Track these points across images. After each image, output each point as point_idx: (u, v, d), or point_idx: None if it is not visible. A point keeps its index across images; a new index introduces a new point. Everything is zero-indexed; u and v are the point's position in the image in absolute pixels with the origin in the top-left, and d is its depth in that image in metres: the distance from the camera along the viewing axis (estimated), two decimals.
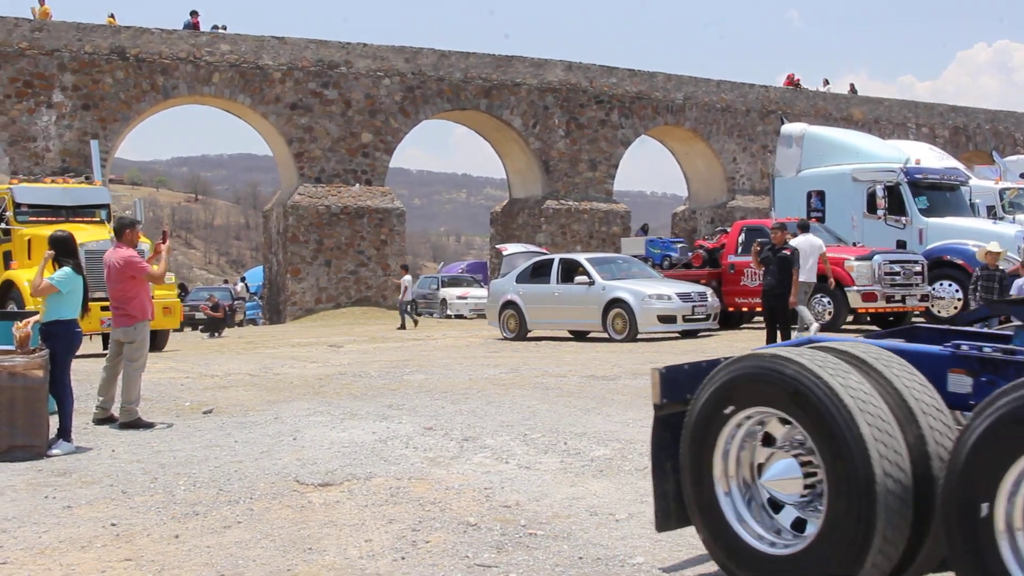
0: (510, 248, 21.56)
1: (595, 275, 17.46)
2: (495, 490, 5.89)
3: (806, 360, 3.59)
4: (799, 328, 14.16)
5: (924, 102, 41.97)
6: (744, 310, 18.82)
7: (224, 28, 30.94)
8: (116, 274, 8.78)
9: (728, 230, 20.61)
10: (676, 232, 37.11)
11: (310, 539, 4.95)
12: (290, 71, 29.82)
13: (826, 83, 40.76)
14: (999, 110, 43.82)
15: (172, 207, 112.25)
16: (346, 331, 23.54)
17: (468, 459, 6.81)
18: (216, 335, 23.78)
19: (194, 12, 30.64)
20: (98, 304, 13.17)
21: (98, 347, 16.33)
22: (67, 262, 7.94)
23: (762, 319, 15.66)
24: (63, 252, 8.02)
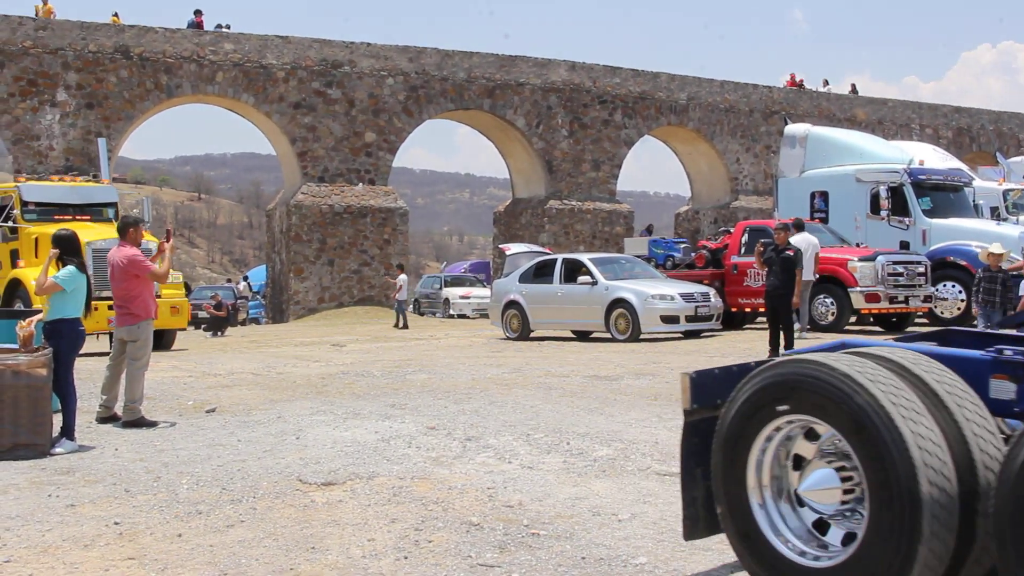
0: (513, 248, 21.55)
1: (598, 275, 17.45)
2: (498, 490, 5.89)
3: (846, 366, 3.49)
4: (801, 328, 14.16)
5: (928, 103, 41.92)
6: (747, 310, 18.81)
7: (228, 27, 30.97)
8: (120, 273, 8.79)
9: (731, 230, 20.59)
10: (679, 232, 37.09)
11: (313, 538, 4.95)
12: (294, 70, 29.84)
13: (826, 83, 40.74)
14: (1003, 111, 43.76)
15: (175, 206, 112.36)
16: (349, 330, 23.56)
17: (471, 459, 6.81)
18: (219, 334, 23.79)
19: (198, 11, 30.68)
20: (105, 303, 13.16)
21: (105, 346, 16.33)
22: (71, 261, 7.96)
23: (765, 319, 15.66)
24: (67, 251, 8.03)
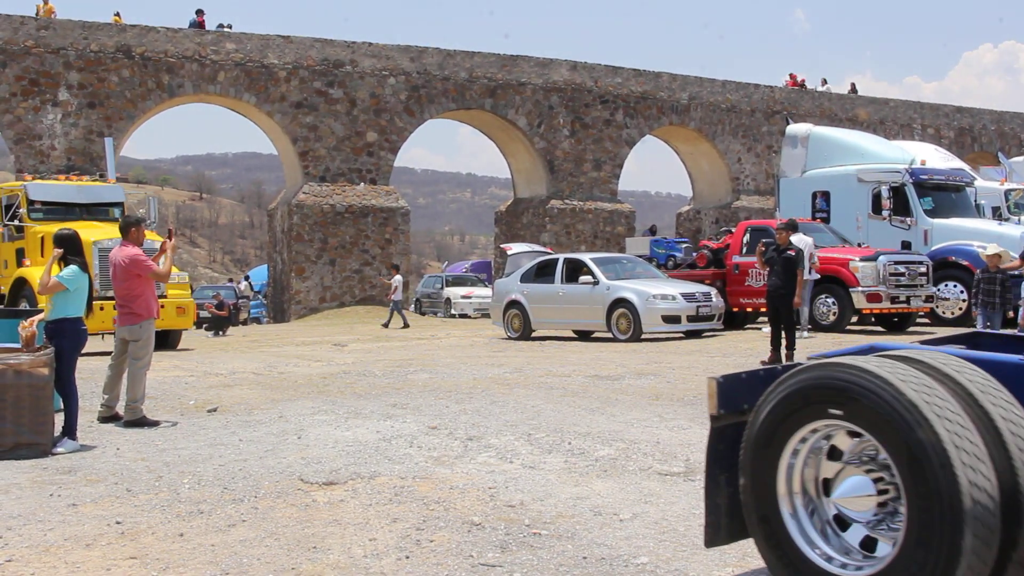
0: (514, 248, 21.55)
1: (599, 275, 17.45)
2: (499, 489, 5.89)
3: (882, 370, 3.39)
4: (802, 328, 14.15)
5: (929, 103, 41.89)
6: (748, 310, 18.81)
7: (229, 27, 30.99)
8: (121, 272, 8.80)
9: (733, 230, 20.59)
10: (680, 232, 37.09)
11: (314, 538, 4.95)
12: (295, 70, 29.84)
13: (824, 83, 40.75)
14: (1004, 111, 43.73)
15: (177, 205, 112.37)
16: (350, 330, 23.57)
17: (472, 458, 6.81)
18: (220, 334, 23.79)
19: (199, 11, 30.69)
20: (111, 303, 13.13)
21: (109, 346, 16.30)
22: (74, 260, 7.97)
23: (766, 319, 15.65)
24: (70, 250, 8.04)
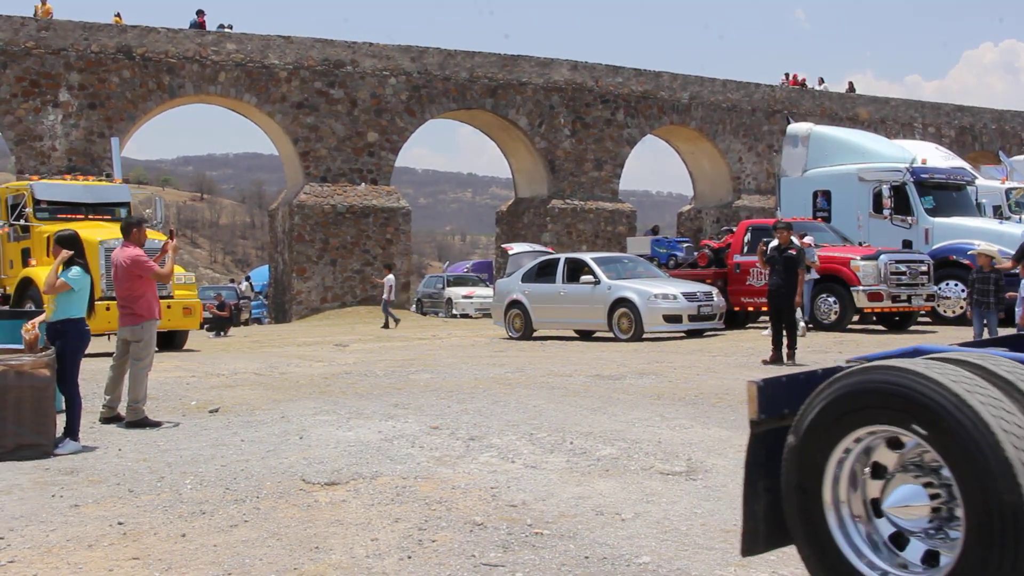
0: (516, 247, 21.55)
1: (601, 275, 17.45)
2: (501, 489, 5.88)
3: (937, 374, 3.25)
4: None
5: (930, 102, 41.89)
6: (750, 310, 18.81)
7: (230, 27, 30.98)
8: (123, 273, 8.81)
9: (734, 230, 20.60)
10: (682, 232, 37.08)
11: (316, 538, 4.96)
12: (296, 70, 29.85)
13: (821, 82, 40.76)
14: (1005, 110, 43.71)
15: (178, 206, 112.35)
16: (352, 330, 23.57)
17: (474, 458, 6.80)
18: (222, 334, 23.79)
19: (200, 11, 30.70)
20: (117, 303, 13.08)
21: (114, 346, 16.26)
22: (77, 261, 7.97)
23: (767, 318, 15.66)
24: (74, 252, 8.05)
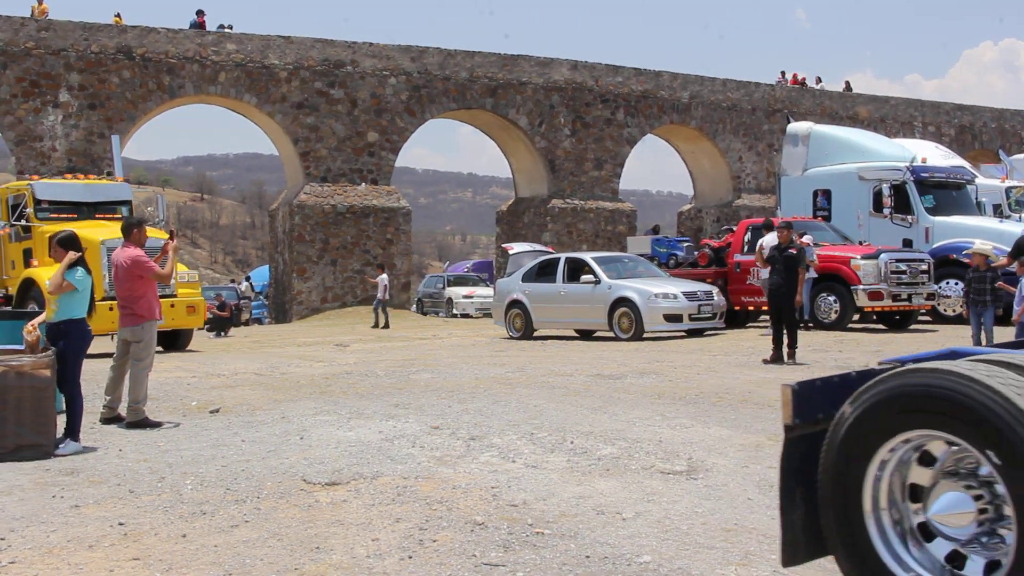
0: (516, 247, 21.54)
1: (601, 274, 17.45)
2: (502, 489, 5.88)
3: (985, 376, 3.16)
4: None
5: (930, 101, 41.91)
6: (750, 309, 18.80)
7: (230, 27, 30.99)
8: (123, 273, 8.80)
9: (734, 229, 20.60)
10: (682, 231, 37.08)
11: (317, 538, 4.95)
12: (296, 70, 29.85)
13: (819, 81, 40.78)
14: (1005, 108, 43.72)
15: (178, 206, 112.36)
16: (352, 330, 23.57)
17: (475, 458, 6.80)
18: (222, 334, 23.80)
19: (200, 11, 30.70)
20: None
21: (115, 347, 16.27)
22: (80, 261, 7.98)
23: (768, 318, 15.66)
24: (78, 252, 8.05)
